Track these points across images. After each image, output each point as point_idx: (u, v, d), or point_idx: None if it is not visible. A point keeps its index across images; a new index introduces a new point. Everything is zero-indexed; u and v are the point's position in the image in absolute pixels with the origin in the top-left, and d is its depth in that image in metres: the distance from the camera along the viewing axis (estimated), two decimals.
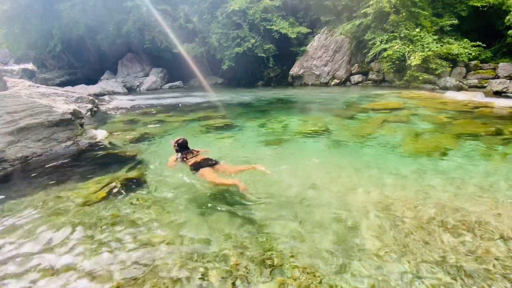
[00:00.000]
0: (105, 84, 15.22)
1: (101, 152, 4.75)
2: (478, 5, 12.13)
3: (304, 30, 15.93)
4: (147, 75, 18.25)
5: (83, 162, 4.39)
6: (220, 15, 16.01)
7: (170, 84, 17.74)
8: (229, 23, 16.14)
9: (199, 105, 10.74)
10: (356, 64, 15.51)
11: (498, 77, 12.02)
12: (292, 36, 15.44)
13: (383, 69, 13.99)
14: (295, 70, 16.57)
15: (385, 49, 12.73)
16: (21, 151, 4.06)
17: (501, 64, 12.10)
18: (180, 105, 10.74)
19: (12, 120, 4.18)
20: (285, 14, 16.42)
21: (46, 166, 4.14)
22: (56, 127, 4.60)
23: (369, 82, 15.14)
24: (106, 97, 11.25)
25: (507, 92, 11.24)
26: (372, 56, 13.59)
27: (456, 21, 12.68)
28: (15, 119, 4.22)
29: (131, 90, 16.37)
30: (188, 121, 7.93)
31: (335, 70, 15.58)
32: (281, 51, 16.39)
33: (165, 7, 17.04)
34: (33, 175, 3.87)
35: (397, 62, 12.49)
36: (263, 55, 16.07)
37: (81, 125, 5.20)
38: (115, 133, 5.95)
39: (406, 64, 12.31)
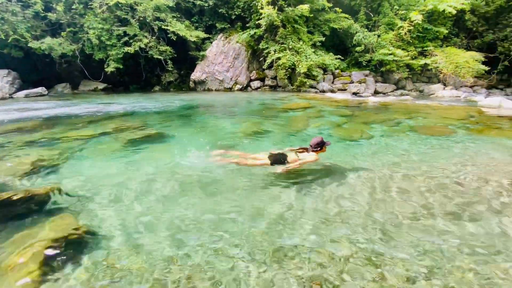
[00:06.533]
0: None
1: None
2: (336, 27, 16.00)
3: (202, 34, 15.69)
4: None
5: None
6: (99, 7, 13.26)
7: (26, 91, 12.96)
8: (111, 18, 13.65)
9: (94, 116, 8.38)
10: (254, 71, 16.80)
11: (353, 82, 16.24)
12: (192, 40, 14.90)
13: (277, 76, 15.89)
14: (197, 75, 16.04)
15: (279, 58, 14.50)
16: None
17: (353, 73, 16.42)
18: (73, 116, 8.09)
19: None
20: (180, 17, 15.62)
21: None
22: None
23: (266, 87, 16.78)
24: None
25: (360, 93, 15.37)
26: (268, 64, 15.15)
27: (323, 39, 16.14)
28: None
29: None
30: (94, 136, 6.06)
31: (237, 76, 16.28)
32: (178, 55, 15.44)
33: None
34: None
35: (289, 70, 14.51)
36: (159, 57, 14.61)
37: None
38: None
39: (296, 71, 14.52)
